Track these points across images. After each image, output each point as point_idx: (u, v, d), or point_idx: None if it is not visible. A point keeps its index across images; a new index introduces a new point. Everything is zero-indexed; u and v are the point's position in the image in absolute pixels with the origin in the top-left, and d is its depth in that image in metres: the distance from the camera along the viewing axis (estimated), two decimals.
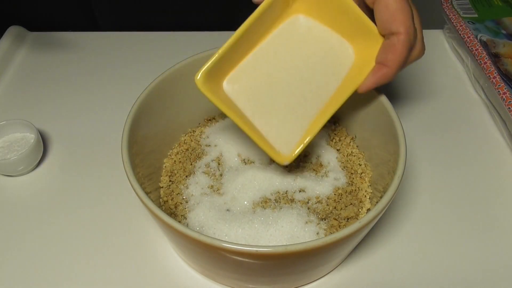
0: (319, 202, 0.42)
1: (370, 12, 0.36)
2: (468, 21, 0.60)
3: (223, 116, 0.49)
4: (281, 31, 0.38)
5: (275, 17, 0.38)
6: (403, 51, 0.35)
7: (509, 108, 0.50)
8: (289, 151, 0.38)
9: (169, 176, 0.45)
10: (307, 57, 0.38)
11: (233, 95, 0.38)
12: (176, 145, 0.48)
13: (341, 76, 0.39)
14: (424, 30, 0.69)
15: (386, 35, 0.35)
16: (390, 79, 0.36)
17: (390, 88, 0.59)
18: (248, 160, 0.44)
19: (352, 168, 0.45)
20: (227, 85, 0.38)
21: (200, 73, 0.35)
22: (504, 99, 0.51)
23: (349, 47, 0.39)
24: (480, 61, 0.56)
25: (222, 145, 0.46)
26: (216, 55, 0.35)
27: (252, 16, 0.35)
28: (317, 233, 0.39)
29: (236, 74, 0.38)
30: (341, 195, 0.42)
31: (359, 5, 0.38)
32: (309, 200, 0.42)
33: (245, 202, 0.41)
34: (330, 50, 0.39)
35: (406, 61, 0.36)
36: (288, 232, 0.39)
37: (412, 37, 0.35)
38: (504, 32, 0.59)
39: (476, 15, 0.62)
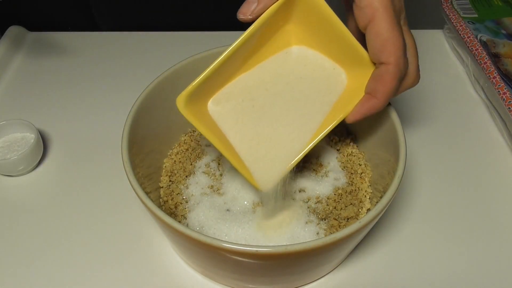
0: (319, 202, 0.42)
1: (363, 37, 0.35)
2: (468, 21, 0.60)
3: None
4: (274, 58, 0.37)
5: (266, 40, 0.36)
6: (392, 82, 0.34)
7: (509, 108, 0.50)
8: (269, 178, 0.37)
9: (169, 176, 0.45)
10: (298, 84, 0.37)
11: (218, 116, 0.37)
12: (176, 145, 0.48)
13: (331, 103, 0.37)
14: (424, 30, 0.69)
15: (376, 64, 0.34)
16: (379, 110, 0.35)
17: None
18: None
19: (352, 168, 0.45)
20: (213, 105, 0.37)
21: (181, 96, 0.34)
22: (504, 99, 0.51)
23: (342, 73, 0.38)
24: (480, 61, 0.56)
25: None
26: (200, 77, 0.34)
27: (241, 38, 0.34)
28: (317, 233, 0.39)
29: (223, 95, 0.37)
30: (341, 195, 0.42)
31: (353, 29, 0.37)
32: (309, 200, 0.42)
33: (245, 202, 0.41)
34: (323, 76, 0.38)
35: (395, 92, 0.35)
36: (288, 232, 0.39)
37: (402, 68, 0.33)
38: (504, 32, 0.59)
39: (476, 15, 0.62)
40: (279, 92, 0.37)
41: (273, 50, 0.38)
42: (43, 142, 0.51)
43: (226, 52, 0.34)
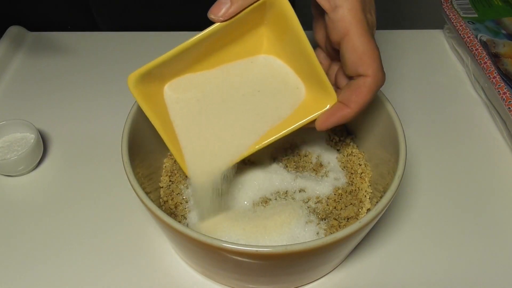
0: (319, 202, 0.42)
1: (336, 52, 0.36)
2: (468, 21, 0.60)
3: None
4: (240, 63, 0.38)
5: (237, 36, 0.36)
6: (368, 94, 0.34)
7: (509, 108, 0.50)
8: (200, 172, 0.38)
9: (169, 176, 0.45)
10: (254, 97, 0.38)
11: (171, 101, 0.37)
12: None
13: (285, 114, 0.38)
14: (424, 30, 0.69)
15: (353, 76, 0.34)
16: (349, 120, 0.35)
17: (390, 88, 0.59)
18: (248, 160, 0.44)
19: (352, 168, 0.45)
20: (169, 89, 0.37)
21: (132, 75, 0.35)
22: (504, 99, 0.51)
23: (302, 88, 0.38)
24: (480, 61, 0.56)
25: None
26: (155, 61, 0.34)
27: (209, 29, 0.34)
28: (317, 233, 0.39)
29: (182, 84, 0.37)
30: (341, 195, 0.42)
31: (322, 37, 0.37)
32: (309, 200, 0.42)
33: (245, 202, 0.41)
34: (282, 93, 0.38)
35: (368, 104, 0.35)
36: (288, 232, 0.39)
37: (379, 80, 0.34)
38: (504, 32, 0.59)
39: (476, 15, 0.62)
40: (234, 102, 0.38)
41: (243, 50, 0.37)
42: (43, 142, 0.51)
43: (190, 40, 0.34)
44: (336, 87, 0.38)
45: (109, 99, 0.58)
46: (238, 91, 0.38)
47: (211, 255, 0.33)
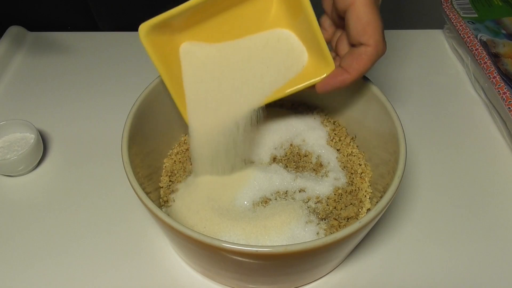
0: (319, 202, 0.42)
1: (341, 20, 0.37)
2: (468, 21, 0.60)
3: None
4: (255, 37, 0.40)
5: None
6: (368, 63, 0.35)
7: (509, 108, 0.50)
8: (200, 122, 0.40)
9: (169, 176, 0.45)
10: (266, 53, 0.40)
11: (185, 57, 0.39)
12: (176, 145, 0.48)
13: (289, 77, 0.40)
14: (424, 30, 0.69)
15: (356, 44, 0.36)
16: (348, 85, 0.37)
17: (390, 88, 0.59)
18: (248, 160, 0.44)
19: (352, 168, 0.45)
20: (186, 47, 0.39)
21: (144, 25, 0.36)
22: (504, 99, 0.51)
23: (305, 54, 0.40)
24: (480, 61, 0.56)
25: None
26: (168, 13, 0.36)
27: None
28: (317, 233, 0.39)
29: (199, 44, 0.39)
30: (341, 195, 0.42)
31: (329, 5, 0.38)
32: (309, 200, 0.42)
33: (245, 202, 0.41)
34: (289, 51, 0.40)
35: (367, 71, 0.36)
36: (288, 232, 0.39)
37: (380, 50, 0.35)
38: (504, 32, 0.59)
39: (476, 15, 0.62)
40: (243, 64, 0.40)
41: (253, 11, 0.39)
42: (43, 142, 0.51)
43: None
44: (336, 54, 0.39)
45: (109, 99, 0.58)
46: (248, 55, 0.40)
47: (211, 255, 0.33)
